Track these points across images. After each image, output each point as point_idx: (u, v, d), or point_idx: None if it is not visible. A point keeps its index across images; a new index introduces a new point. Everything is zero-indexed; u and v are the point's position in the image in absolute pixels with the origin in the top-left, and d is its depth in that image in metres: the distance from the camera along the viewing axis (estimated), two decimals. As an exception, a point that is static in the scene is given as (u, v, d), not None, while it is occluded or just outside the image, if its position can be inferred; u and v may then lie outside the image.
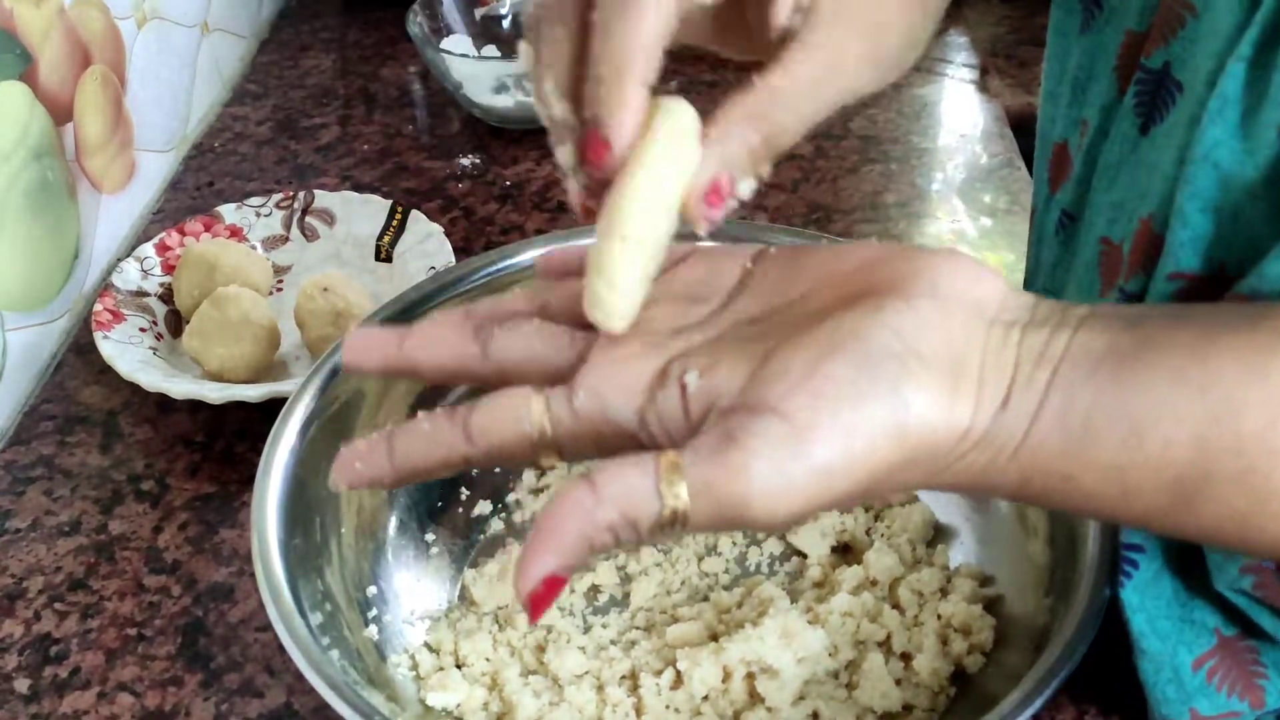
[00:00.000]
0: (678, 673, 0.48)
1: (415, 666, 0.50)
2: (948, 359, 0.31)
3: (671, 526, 0.31)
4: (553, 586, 0.31)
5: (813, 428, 0.30)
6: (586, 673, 0.49)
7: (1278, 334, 0.29)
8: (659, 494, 0.30)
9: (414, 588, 0.53)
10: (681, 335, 0.34)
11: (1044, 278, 0.53)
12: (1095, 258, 0.46)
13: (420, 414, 0.35)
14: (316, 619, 0.45)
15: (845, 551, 0.55)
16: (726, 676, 0.47)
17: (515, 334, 0.35)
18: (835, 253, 0.35)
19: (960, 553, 0.53)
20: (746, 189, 0.37)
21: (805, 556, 0.54)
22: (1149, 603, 0.42)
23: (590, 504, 0.30)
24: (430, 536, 0.55)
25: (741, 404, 0.31)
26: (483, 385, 0.36)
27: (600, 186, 0.35)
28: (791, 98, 0.37)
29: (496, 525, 0.57)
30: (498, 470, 0.58)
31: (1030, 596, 0.47)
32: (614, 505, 0.30)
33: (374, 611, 0.51)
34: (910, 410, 0.30)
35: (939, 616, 0.50)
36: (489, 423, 0.33)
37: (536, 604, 0.31)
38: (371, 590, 0.51)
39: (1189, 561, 0.41)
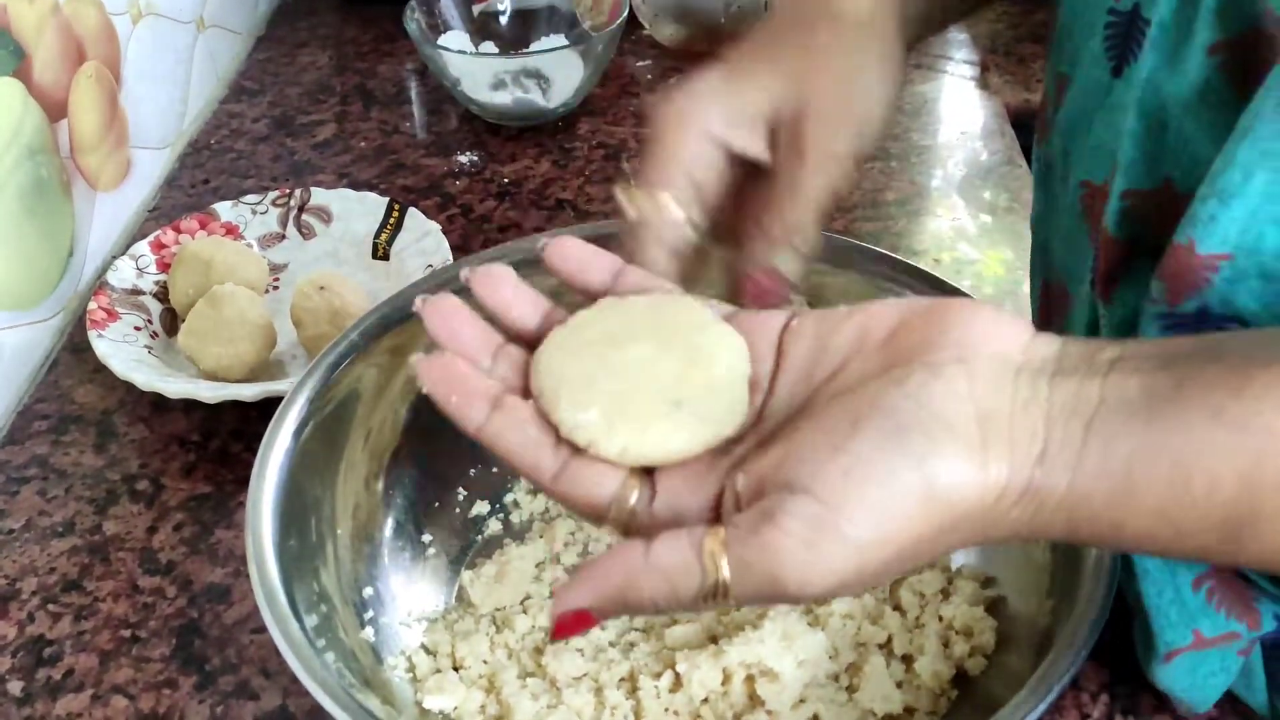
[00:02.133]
0: (677, 675, 0.47)
1: (412, 669, 0.50)
2: (975, 422, 0.31)
3: (714, 599, 0.32)
4: (581, 621, 0.33)
5: (843, 506, 0.30)
6: (585, 675, 0.49)
7: None
8: (703, 568, 0.32)
9: (410, 589, 0.53)
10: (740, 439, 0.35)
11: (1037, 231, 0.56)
12: (1077, 201, 0.48)
13: (530, 407, 0.36)
14: (312, 621, 0.45)
15: (846, 553, 0.54)
16: (726, 679, 0.47)
17: (510, 424, 0.36)
18: (859, 321, 0.35)
19: (962, 554, 0.53)
20: (785, 265, 0.42)
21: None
22: None
23: (640, 567, 0.32)
24: (427, 537, 0.55)
25: (776, 482, 0.32)
26: None
27: None
28: (803, 211, 0.43)
29: (494, 526, 0.57)
30: (495, 470, 0.58)
31: (1032, 598, 0.47)
32: (660, 572, 0.32)
33: (370, 613, 0.50)
34: (939, 481, 0.30)
35: (940, 618, 0.49)
36: (576, 477, 0.35)
37: (561, 629, 0.33)
38: (368, 591, 0.51)
39: None
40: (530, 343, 0.38)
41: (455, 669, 0.50)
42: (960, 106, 0.92)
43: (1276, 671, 0.46)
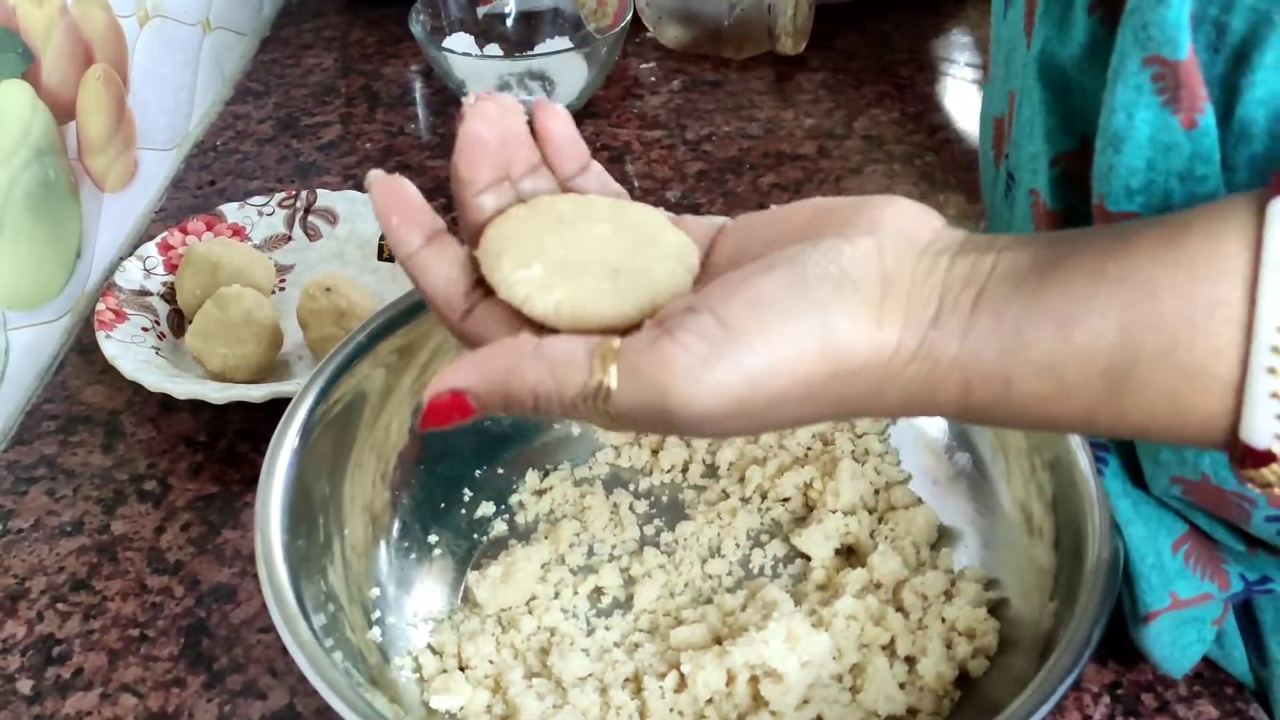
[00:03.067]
0: (681, 676, 0.48)
1: (419, 669, 0.50)
2: (878, 284, 0.32)
3: (594, 401, 0.32)
4: (457, 405, 0.33)
5: (742, 332, 0.31)
6: (590, 675, 0.49)
7: (1184, 226, 0.30)
8: (590, 366, 0.32)
9: (417, 590, 0.53)
10: None
11: None
12: (1028, 210, 0.49)
13: (465, 252, 0.36)
14: (319, 620, 0.45)
15: (849, 554, 0.55)
16: (730, 680, 0.47)
17: (436, 259, 0.36)
18: (782, 212, 0.37)
19: (965, 556, 0.53)
20: None
21: (809, 559, 0.54)
22: (1131, 488, 0.45)
23: (528, 353, 0.33)
24: (433, 538, 0.55)
25: (680, 308, 0.33)
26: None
27: None
28: None
29: (500, 527, 0.57)
30: (500, 471, 0.58)
31: (1035, 600, 0.47)
32: (547, 362, 0.32)
33: (377, 613, 0.51)
34: (837, 326, 0.32)
35: (943, 620, 0.50)
36: (480, 328, 0.35)
37: (432, 412, 0.33)
38: (375, 592, 0.51)
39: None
40: None
41: (461, 669, 0.50)
42: (963, 108, 0.92)
43: (1249, 630, 0.48)
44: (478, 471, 0.58)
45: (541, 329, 0.35)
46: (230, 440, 0.64)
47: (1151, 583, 0.45)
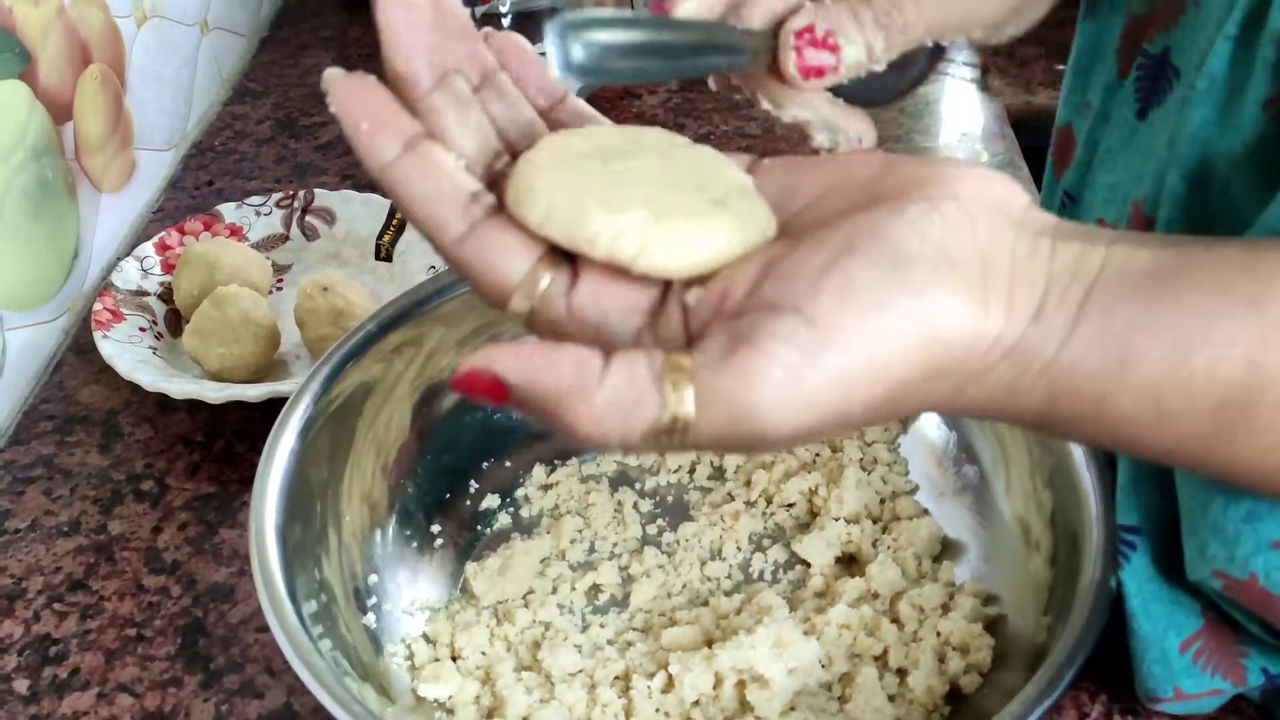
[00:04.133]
0: (669, 676, 0.47)
1: (411, 657, 0.50)
2: (978, 263, 0.28)
3: (670, 435, 0.27)
4: (491, 390, 0.28)
5: (837, 331, 0.27)
6: (580, 671, 0.49)
7: None
8: (661, 397, 0.27)
9: (416, 579, 0.53)
10: None
11: None
12: None
13: (453, 161, 0.30)
14: (310, 608, 0.45)
15: (850, 563, 0.54)
16: (718, 683, 0.47)
17: (421, 169, 0.30)
18: (839, 162, 0.32)
19: (966, 569, 0.53)
20: (852, 53, 0.39)
21: (809, 566, 0.54)
22: (1144, 587, 0.43)
23: (592, 380, 0.27)
24: (436, 528, 0.55)
25: (754, 304, 0.28)
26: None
27: None
28: None
29: (504, 519, 0.57)
30: (508, 464, 0.58)
31: (1031, 615, 0.47)
32: (609, 394, 0.27)
33: (374, 599, 0.51)
34: (939, 316, 0.27)
35: (938, 633, 0.49)
36: (483, 249, 0.30)
37: (466, 382, 0.28)
38: (373, 579, 0.52)
39: (1180, 545, 0.41)
40: None
41: (454, 659, 0.50)
42: (961, 108, 0.92)
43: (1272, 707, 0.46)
44: (485, 464, 0.58)
45: (575, 262, 0.29)
46: (227, 440, 0.64)
47: (1154, 674, 0.43)
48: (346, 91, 0.29)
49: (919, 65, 0.43)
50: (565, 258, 0.30)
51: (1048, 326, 0.28)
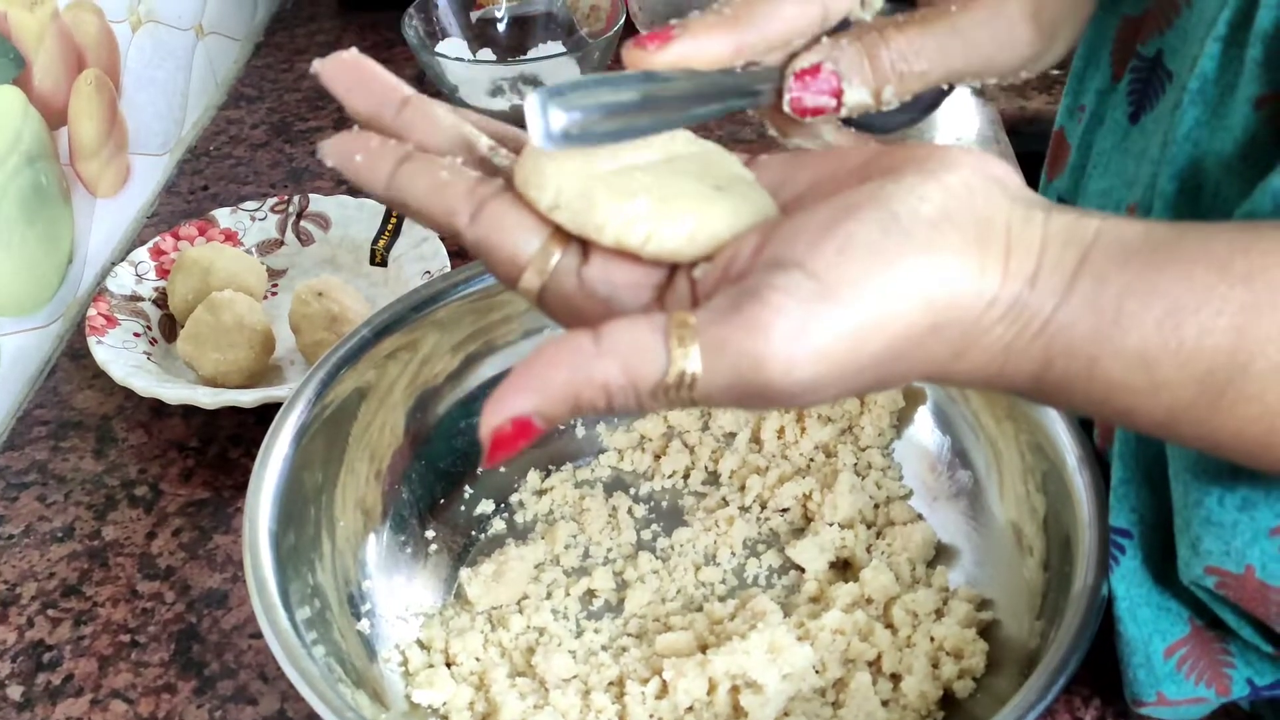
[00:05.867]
0: (664, 682, 0.47)
1: (405, 663, 0.50)
2: (975, 226, 0.29)
3: (678, 391, 0.28)
4: (522, 432, 0.28)
5: (842, 285, 0.28)
6: (575, 677, 0.49)
7: None
8: (668, 352, 0.28)
9: (411, 584, 0.54)
10: None
11: None
12: None
13: (446, 160, 0.32)
14: (304, 614, 0.45)
15: (844, 568, 0.54)
16: (712, 688, 0.47)
17: (418, 170, 0.32)
18: (833, 154, 0.33)
19: (960, 574, 0.53)
20: (855, 97, 0.38)
21: (803, 570, 0.54)
22: (1132, 591, 0.43)
23: (590, 352, 0.28)
24: (430, 533, 0.55)
25: (759, 264, 0.29)
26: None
27: None
28: (937, 36, 0.38)
29: (498, 525, 0.57)
30: (502, 469, 0.58)
31: (1024, 620, 0.47)
32: (616, 358, 0.28)
33: (368, 605, 0.51)
34: (942, 271, 0.28)
35: (932, 639, 0.49)
36: (494, 228, 0.31)
37: (498, 445, 0.28)
38: (366, 584, 0.51)
39: (1170, 550, 0.41)
40: None
41: (448, 665, 0.50)
42: (956, 113, 0.92)
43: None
44: (479, 469, 0.58)
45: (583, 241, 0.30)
46: (222, 445, 0.64)
47: (1139, 678, 0.43)
48: (338, 144, 0.33)
49: (928, 100, 0.43)
50: (578, 242, 0.31)
51: (1044, 288, 0.29)
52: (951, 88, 0.43)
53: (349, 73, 0.34)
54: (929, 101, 0.44)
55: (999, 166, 0.31)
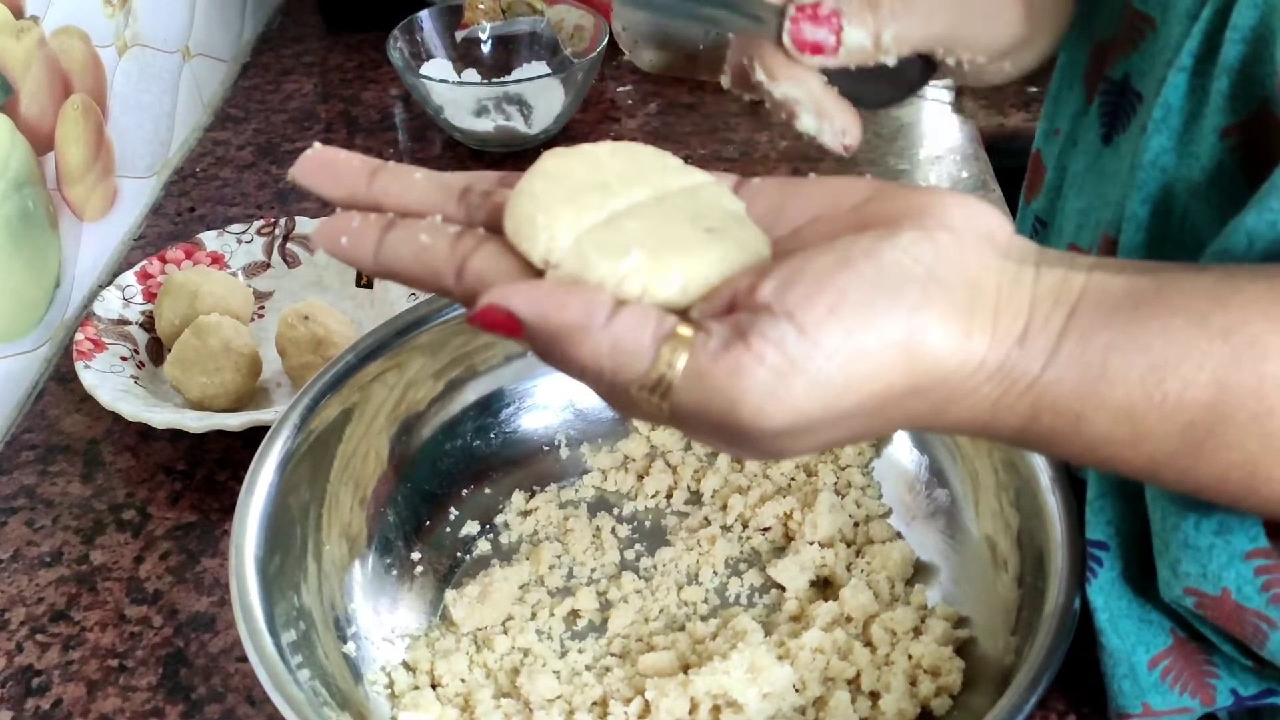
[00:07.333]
0: (646, 702, 0.48)
1: (391, 685, 0.51)
2: (965, 289, 0.30)
3: (652, 392, 0.30)
4: (506, 325, 0.31)
5: (823, 341, 0.29)
6: (559, 697, 0.50)
7: None
8: (655, 357, 0.30)
9: (396, 606, 0.54)
10: None
11: None
12: None
13: (426, 222, 0.33)
14: (289, 637, 0.46)
15: (825, 586, 0.55)
16: (693, 708, 0.47)
17: (401, 238, 0.33)
18: (828, 186, 0.34)
19: (938, 592, 0.53)
20: (855, 37, 0.39)
21: (784, 589, 0.55)
22: (1112, 603, 0.44)
23: (598, 323, 0.30)
24: (415, 555, 0.56)
25: (756, 300, 0.30)
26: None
27: None
28: None
29: (484, 546, 0.58)
30: (487, 491, 0.59)
31: (999, 636, 0.48)
32: (610, 342, 0.30)
33: (353, 628, 0.51)
34: (926, 336, 0.29)
35: (910, 657, 0.50)
36: (479, 284, 0.32)
37: (482, 317, 0.31)
38: (352, 607, 0.52)
39: (1148, 563, 0.42)
40: None
41: (433, 686, 0.51)
42: (935, 130, 0.93)
43: None
44: (465, 490, 0.58)
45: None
46: (209, 469, 0.65)
47: (1123, 689, 0.44)
48: (324, 231, 0.34)
49: (911, 78, 0.45)
50: None
51: (1032, 349, 0.30)
52: (935, 67, 0.44)
53: (319, 167, 0.35)
54: (910, 83, 0.45)
55: (992, 217, 0.32)
